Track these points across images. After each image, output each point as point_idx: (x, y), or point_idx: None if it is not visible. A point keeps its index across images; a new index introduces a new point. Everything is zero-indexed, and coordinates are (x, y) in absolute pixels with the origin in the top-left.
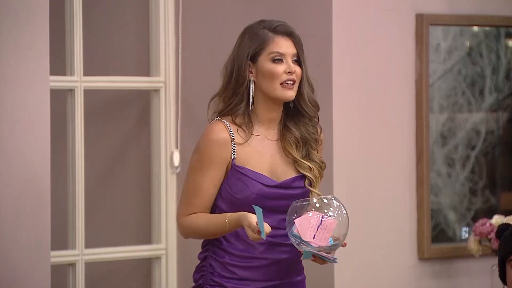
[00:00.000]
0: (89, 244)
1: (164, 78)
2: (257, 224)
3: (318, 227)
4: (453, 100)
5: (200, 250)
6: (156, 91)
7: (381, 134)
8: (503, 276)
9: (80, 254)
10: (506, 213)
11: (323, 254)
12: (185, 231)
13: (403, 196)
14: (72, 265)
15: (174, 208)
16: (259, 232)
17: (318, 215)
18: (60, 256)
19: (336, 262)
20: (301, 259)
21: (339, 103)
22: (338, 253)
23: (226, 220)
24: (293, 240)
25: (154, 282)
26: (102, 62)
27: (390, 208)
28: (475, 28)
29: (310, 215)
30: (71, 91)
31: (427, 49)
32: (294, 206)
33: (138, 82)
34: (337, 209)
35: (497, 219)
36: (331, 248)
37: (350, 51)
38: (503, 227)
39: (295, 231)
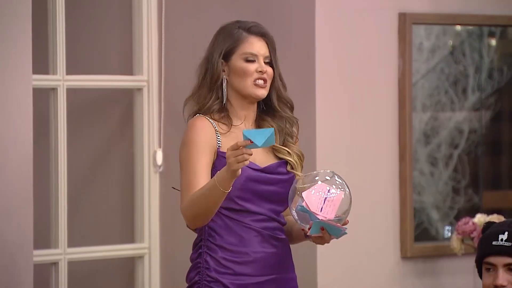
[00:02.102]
0: (72, 243)
1: (147, 77)
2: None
3: (325, 200)
4: (436, 99)
5: (187, 250)
6: (139, 90)
7: (364, 133)
8: (481, 276)
9: (63, 253)
10: (488, 212)
11: (334, 223)
12: (187, 215)
13: (386, 194)
14: (55, 264)
15: (157, 207)
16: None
17: (325, 188)
18: (43, 255)
19: (346, 233)
20: (308, 234)
21: (322, 101)
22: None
23: (215, 177)
24: (297, 217)
25: (137, 281)
26: (85, 60)
27: (373, 207)
28: (458, 27)
29: (317, 187)
30: (53, 90)
31: (410, 48)
32: (295, 186)
33: (121, 81)
34: (340, 186)
35: (480, 218)
36: (336, 223)
37: (333, 50)
38: (489, 226)
39: (303, 203)
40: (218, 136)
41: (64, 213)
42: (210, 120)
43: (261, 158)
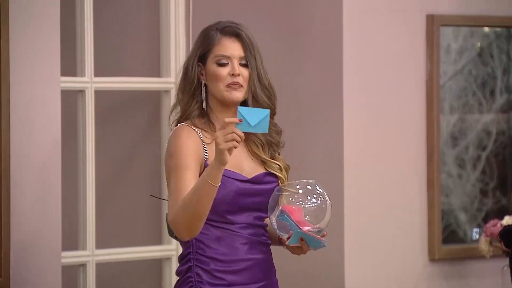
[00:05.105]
0: (100, 244)
1: (175, 79)
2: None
3: (305, 209)
4: (463, 100)
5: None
6: (167, 92)
7: (391, 135)
8: None
9: (91, 255)
10: None
11: (314, 235)
12: (180, 223)
13: (414, 197)
14: (83, 265)
15: None
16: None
17: (305, 197)
18: (71, 257)
19: (325, 246)
20: (286, 243)
21: (350, 104)
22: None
23: (204, 172)
24: (276, 226)
25: (164, 283)
26: (113, 62)
27: (401, 209)
28: (486, 29)
29: (297, 196)
30: (82, 92)
31: (438, 50)
32: (277, 194)
33: (148, 83)
34: (321, 196)
35: (508, 220)
36: (316, 235)
37: (360, 51)
38: (509, 228)
39: (282, 213)
40: (205, 147)
41: (92, 214)
42: (195, 129)
43: (249, 168)
